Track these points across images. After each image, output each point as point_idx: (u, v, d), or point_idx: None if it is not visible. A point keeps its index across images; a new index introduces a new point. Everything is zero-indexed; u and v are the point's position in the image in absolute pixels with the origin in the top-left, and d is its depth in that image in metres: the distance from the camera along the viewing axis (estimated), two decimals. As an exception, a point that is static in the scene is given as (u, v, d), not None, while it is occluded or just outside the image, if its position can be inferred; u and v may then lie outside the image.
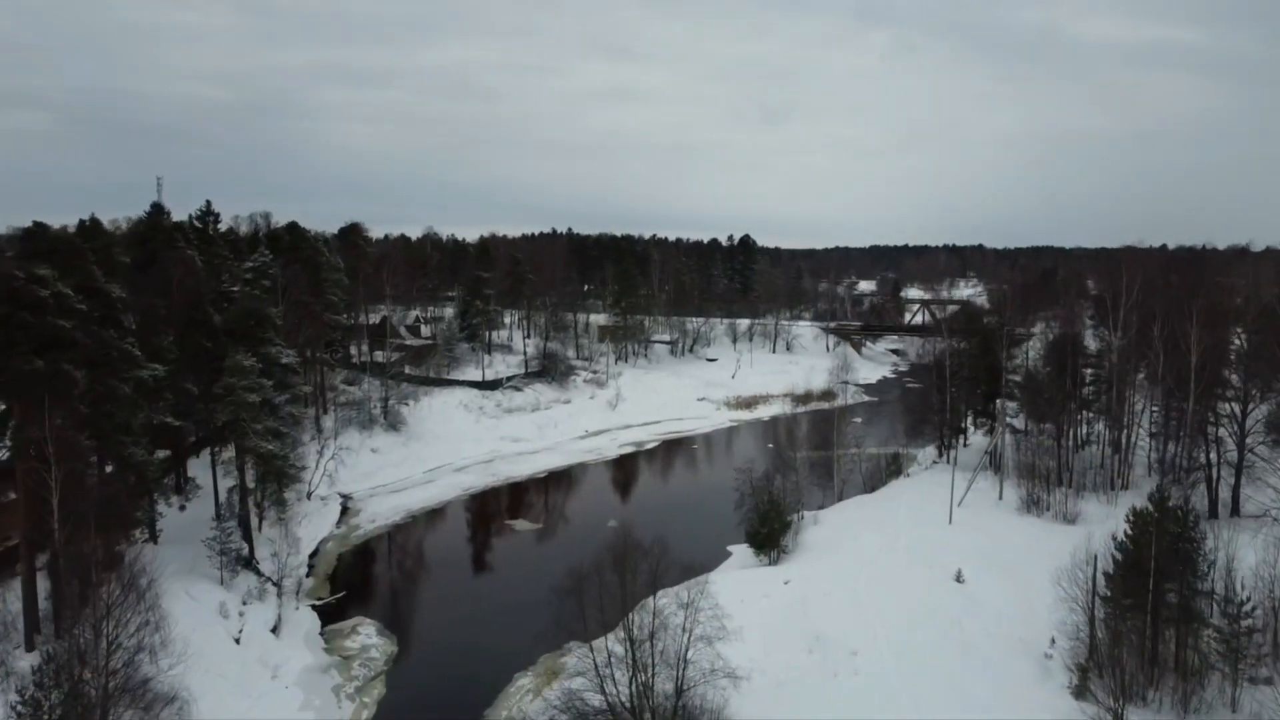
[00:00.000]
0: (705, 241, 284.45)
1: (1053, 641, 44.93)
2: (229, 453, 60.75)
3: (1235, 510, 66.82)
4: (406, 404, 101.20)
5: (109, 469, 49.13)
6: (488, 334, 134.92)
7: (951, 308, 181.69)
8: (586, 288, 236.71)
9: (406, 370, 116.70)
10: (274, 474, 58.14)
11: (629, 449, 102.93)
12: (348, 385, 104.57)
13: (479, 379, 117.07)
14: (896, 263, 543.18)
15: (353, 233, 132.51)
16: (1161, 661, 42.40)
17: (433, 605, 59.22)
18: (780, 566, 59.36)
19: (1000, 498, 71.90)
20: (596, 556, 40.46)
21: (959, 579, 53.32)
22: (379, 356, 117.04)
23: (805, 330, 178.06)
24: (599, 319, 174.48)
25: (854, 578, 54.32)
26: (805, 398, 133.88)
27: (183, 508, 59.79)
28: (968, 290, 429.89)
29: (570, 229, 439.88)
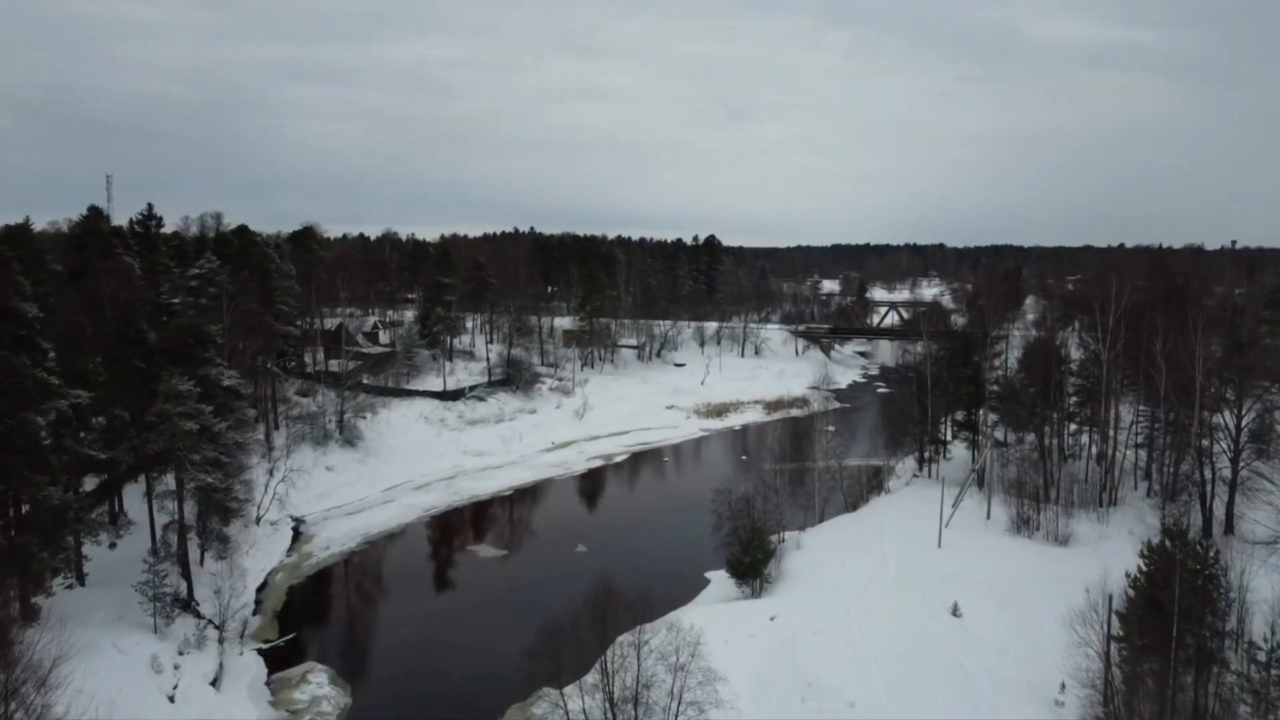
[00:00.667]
0: (670, 241, 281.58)
1: (1063, 687, 41.73)
2: (167, 483, 55.77)
3: (1229, 528, 64.48)
4: (364, 417, 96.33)
5: (25, 510, 44.12)
6: (449, 341, 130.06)
7: (919, 309, 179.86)
8: (551, 289, 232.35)
9: (365, 380, 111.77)
10: (215, 508, 53.30)
11: (597, 462, 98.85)
12: (301, 397, 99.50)
13: (440, 389, 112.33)
14: (859, 262, 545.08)
15: (306, 236, 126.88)
16: (1181, 709, 39.38)
17: (390, 646, 54.73)
18: (764, 599, 55.69)
19: (988, 517, 68.93)
20: (571, 610, 36.58)
21: (955, 612, 50.06)
22: (335, 365, 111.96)
23: (774, 334, 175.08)
24: (564, 322, 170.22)
25: (844, 613, 50.80)
26: (777, 404, 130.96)
27: (113, 545, 54.72)
28: (931, 290, 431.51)
29: (533, 228, 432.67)
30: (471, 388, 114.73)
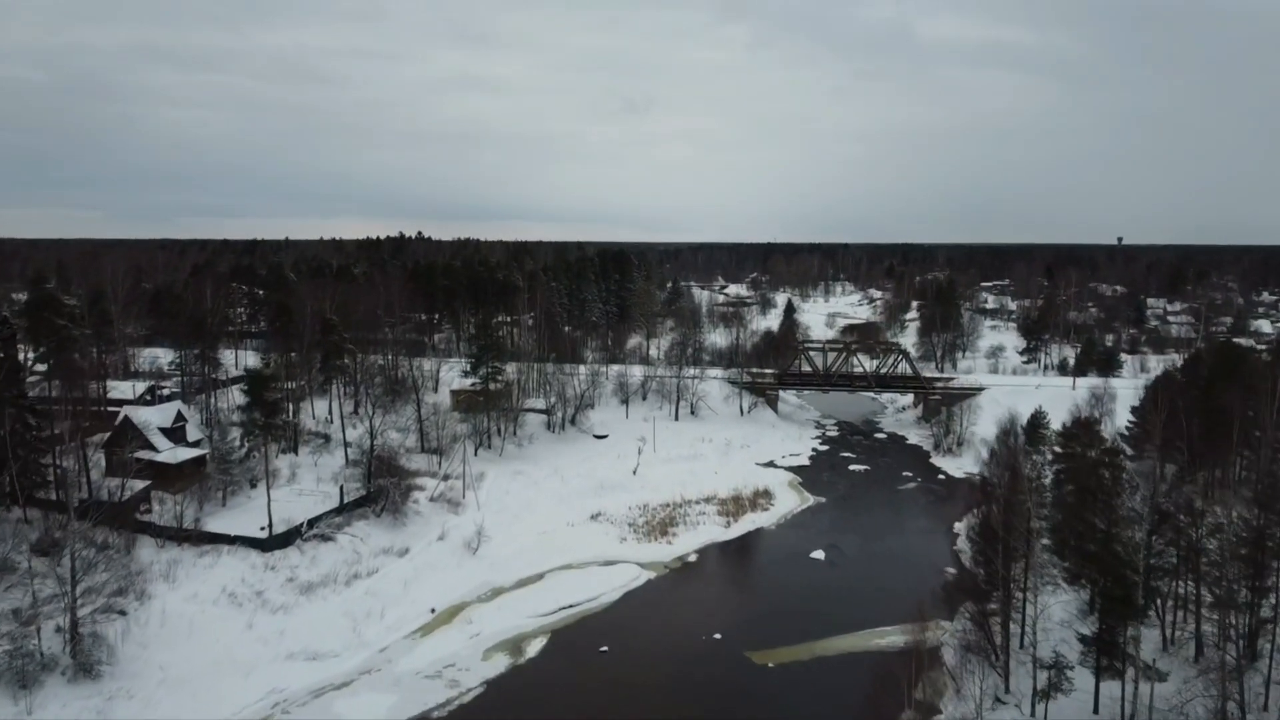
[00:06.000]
0: (574, 260, 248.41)
1: None
2: None
3: None
4: (120, 614, 60.31)
5: None
6: (270, 450, 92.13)
7: (879, 350, 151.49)
8: (436, 318, 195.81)
9: (153, 513, 75.49)
10: None
11: (500, 656, 64.70)
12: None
13: (264, 528, 76.35)
14: (763, 262, 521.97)
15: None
16: None
17: None
18: None
19: None
20: None
21: None
22: (113, 484, 74.61)
23: (712, 386, 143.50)
24: (453, 375, 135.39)
25: None
26: (736, 505, 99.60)
27: None
28: (846, 300, 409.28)
29: (420, 233, 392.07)
30: (312, 523, 79.16)
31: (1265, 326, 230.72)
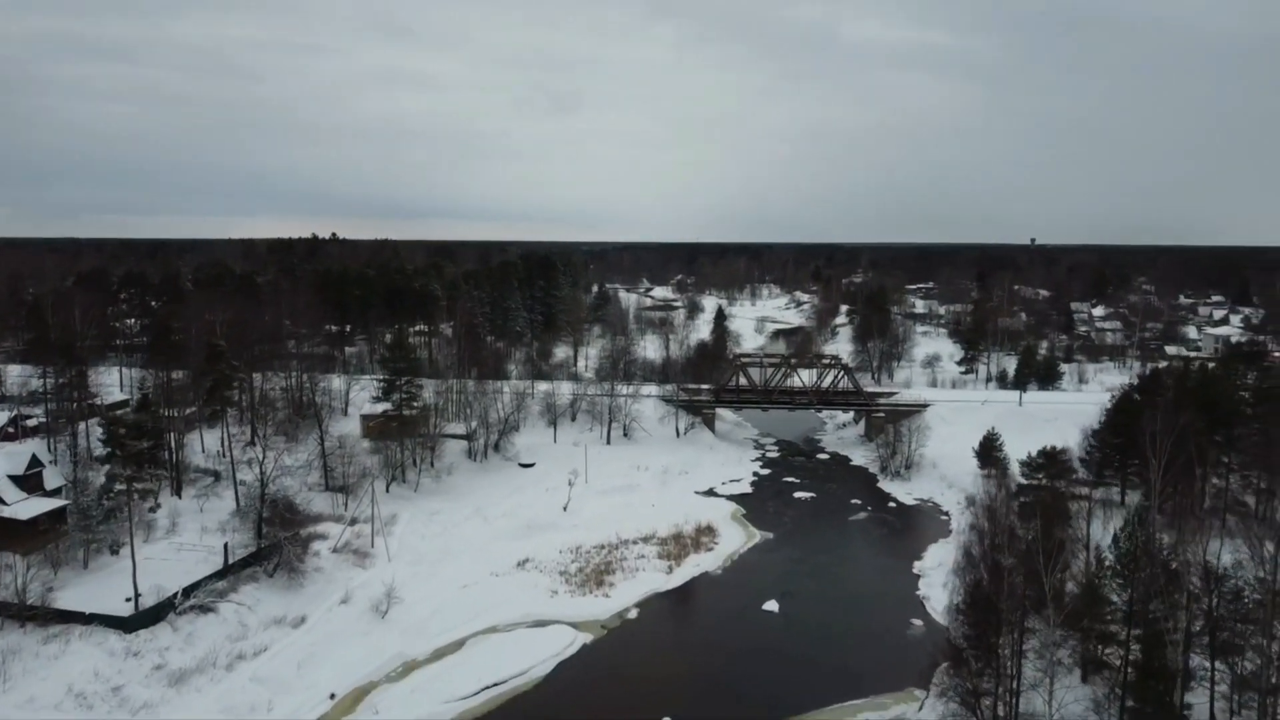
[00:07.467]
0: (496, 244, 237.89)
1: None
2: None
3: None
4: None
5: None
6: (137, 509, 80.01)
7: (820, 363, 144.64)
8: (347, 329, 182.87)
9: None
10: None
11: (412, 756, 54.92)
12: None
13: (130, 598, 64.54)
14: (689, 263, 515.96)
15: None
16: None
17: None
18: None
19: None
20: None
21: None
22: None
23: (647, 406, 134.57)
24: (364, 398, 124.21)
25: None
26: (678, 545, 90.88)
27: None
28: (773, 303, 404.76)
29: (334, 234, 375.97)
30: (191, 589, 67.58)
31: (1192, 332, 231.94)
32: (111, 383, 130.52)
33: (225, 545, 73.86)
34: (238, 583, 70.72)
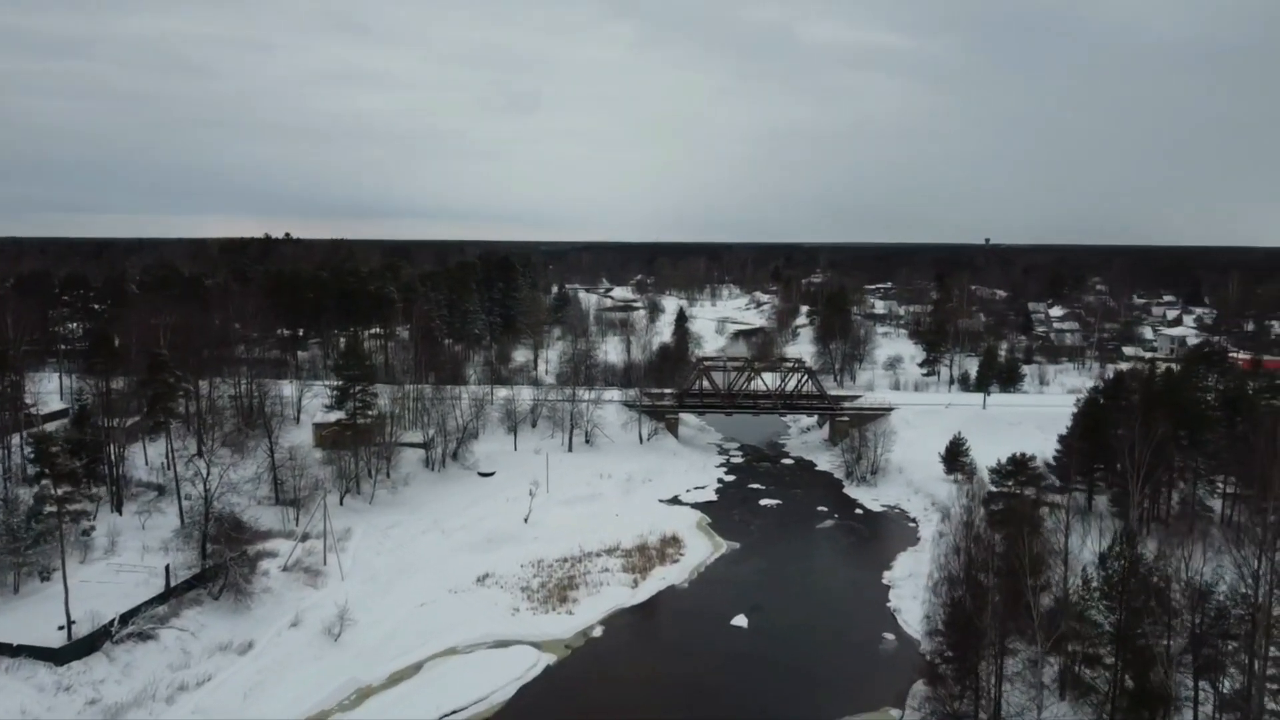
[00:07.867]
0: (454, 243, 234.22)
1: None
2: None
3: None
4: None
5: None
6: (69, 532, 75.96)
7: (783, 365, 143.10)
8: (300, 333, 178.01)
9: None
10: None
11: (366, 793, 51.83)
12: None
13: (63, 627, 60.60)
14: (649, 263, 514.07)
15: None
16: None
17: None
18: None
19: None
20: None
21: None
22: None
23: (609, 411, 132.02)
24: (316, 405, 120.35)
25: None
26: (642, 557, 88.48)
27: None
28: (733, 304, 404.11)
29: (288, 234, 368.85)
30: (129, 615, 63.74)
31: (1148, 333, 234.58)
32: (51, 390, 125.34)
33: (167, 567, 69.94)
34: (180, 607, 66.98)
